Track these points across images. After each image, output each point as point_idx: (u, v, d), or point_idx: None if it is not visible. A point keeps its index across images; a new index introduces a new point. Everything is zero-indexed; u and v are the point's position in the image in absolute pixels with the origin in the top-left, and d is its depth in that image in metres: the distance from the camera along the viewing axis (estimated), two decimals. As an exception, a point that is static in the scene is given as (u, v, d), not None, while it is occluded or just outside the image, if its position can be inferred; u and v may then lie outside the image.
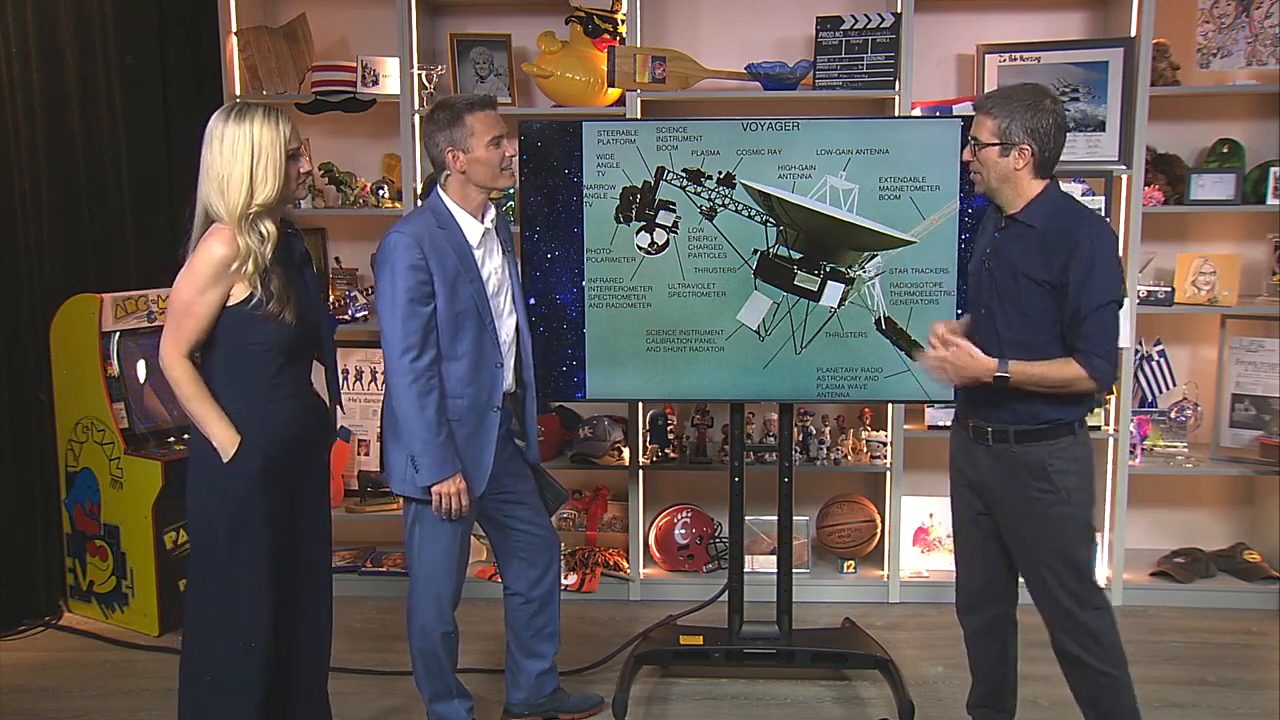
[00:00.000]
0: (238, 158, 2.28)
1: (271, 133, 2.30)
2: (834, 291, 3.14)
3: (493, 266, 2.74)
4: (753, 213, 3.14)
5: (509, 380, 2.79)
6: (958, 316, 3.08)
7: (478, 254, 2.68)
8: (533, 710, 3.02)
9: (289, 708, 2.58)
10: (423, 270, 2.57)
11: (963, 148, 3.04)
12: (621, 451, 4.08)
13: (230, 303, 2.32)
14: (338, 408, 2.72)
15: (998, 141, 2.41)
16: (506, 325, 2.78)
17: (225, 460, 2.34)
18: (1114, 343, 2.39)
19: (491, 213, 2.74)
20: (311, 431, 2.53)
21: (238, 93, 4.00)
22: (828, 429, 4.05)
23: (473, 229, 2.68)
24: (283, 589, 2.46)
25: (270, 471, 2.38)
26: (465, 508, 2.66)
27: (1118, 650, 2.50)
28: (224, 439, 2.33)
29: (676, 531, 4.08)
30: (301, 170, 2.39)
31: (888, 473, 3.99)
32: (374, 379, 4.24)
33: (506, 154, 2.67)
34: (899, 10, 3.75)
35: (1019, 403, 2.45)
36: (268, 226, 2.32)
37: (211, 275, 2.28)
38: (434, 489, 2.62)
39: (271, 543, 2.41)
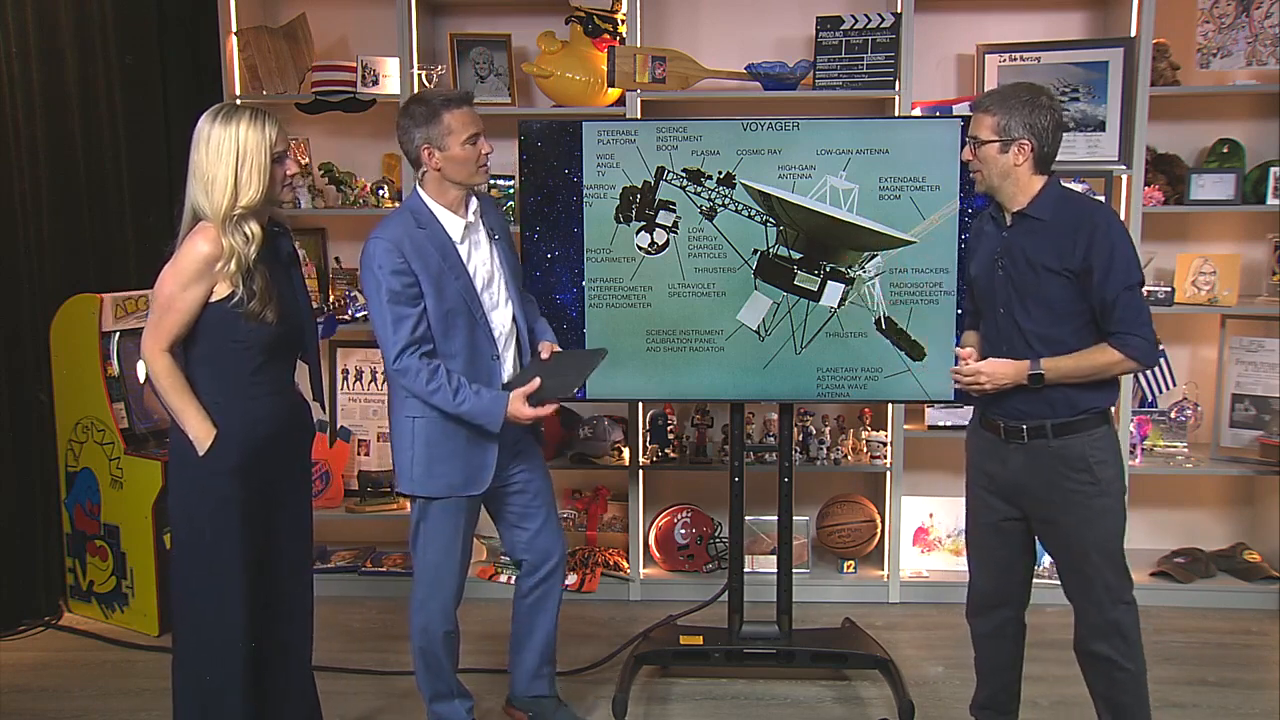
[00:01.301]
0: (222, 159, 2.29)
1: (257, 135, 2.31)
2: (834, 291, 3.14)
3: (480, 259, 2.72)
4: (753, 213, 3.14)
5: (509, 371, 2.77)
6: (958, 317, 3.08)
7: (462, 249, 2.67)
8: (524, 707, 3.00)
9: (283, 707, 2.58)
10: (406, 274, 2.57)
11: (963, 148, 3.07)
12: (621, 451, 4.08)
13: (213, 299, 2.33)
14: (320, 406, 2.71)
15: (997, 138, 2.43)
16: (501, 316, 2.75)
17: (201, 454, 2.34)
18: (1147, 319, 2.40)
19: (474, 204, 2.73)
20: (291, 430, 2.52)
21: (238, 93, 4.00)
22: (828, 429, 4.05)
23: (454, 225, 2.67)
24: (268, 588, 2.46)
25: (248, 468, 2.39)
26: (549, 411, 2.67)
27: (1139, 646, 2.51)
28: (200, 432, 2.34)
29: (676, 531, 4.08)
30: (288, 172, 2.39)
31: (888, 473, 3.98)
32: (374, 379, 4.24)
33: (483, 151, 2.65)
34: (899, 10, 3.75)
35: (1053, 393, 2.45)
36: (252, 227, 2.33)
37: (195, 272, 2.29)
38: (511, 423, 2.64)
39: (251, 538, 2.41)
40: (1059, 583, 2.60)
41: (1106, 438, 2.48)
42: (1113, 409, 2.52)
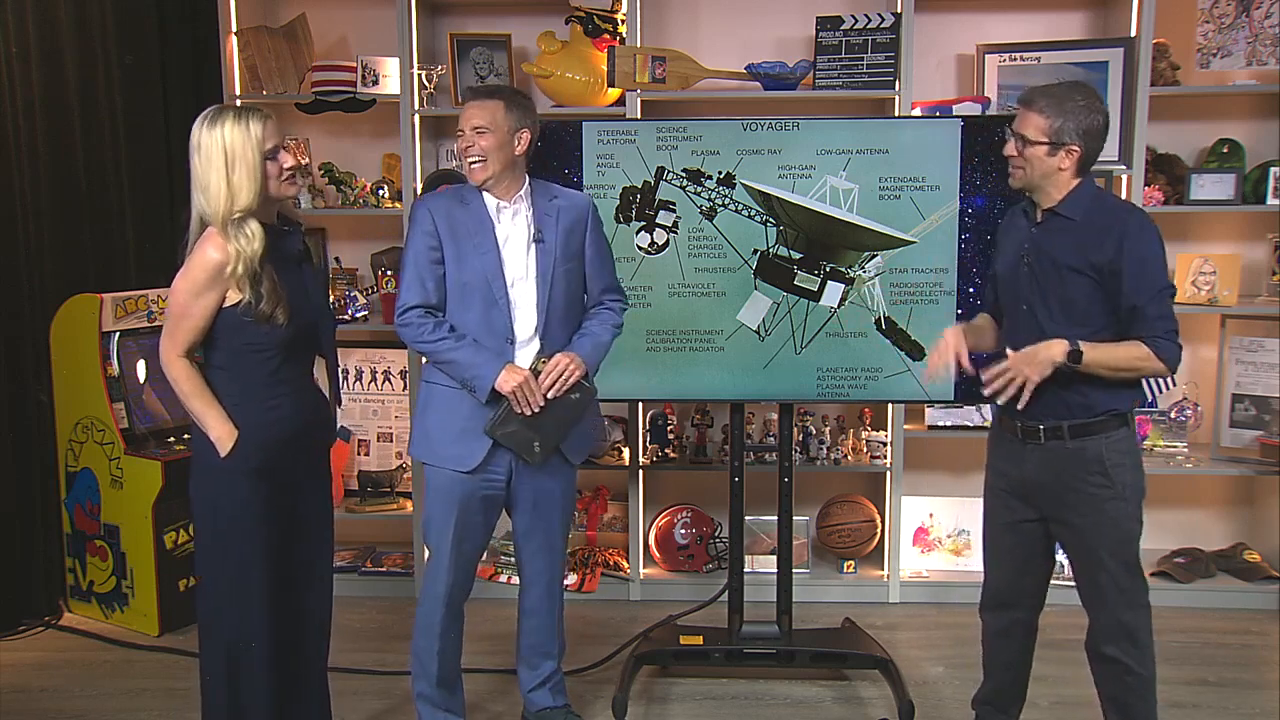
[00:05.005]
0: (213, 164, 2.28)
1: (241, 135, 2.28)
2: (834, 291, 3.14)
3: (517, 251, 2.69)
4: (753, 213, 3.14)
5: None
6: (957, 317, 3.08)
7: (499, 230, 2.69)
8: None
9: (298, 709, 2.59)
10: (432, 236, 2.66)
11: (963, 148, 3.08)
12: (621, 451, 4.08)
13: (226, 305, 2.33)
14: (337, 406, 2.71)
15: (1046, 141, 2.38)
16: (525, 313, 2.70)
17: (222, 455, 2.35)
18: (1175, 324, 2.38)
19: (523, 204, 2.71)
20: (313, 429, 2.54)
21: (237, 92, 4.00)
22: (828, 429, 4.05)
23: (493, 205, 2.69)
24: (286, 587, 2.47)
25: (269, 469, 2.39)
26: (534, 388, 2.63)
27: (1150, 651, 2.48)
28: (221, 433, 2.35)
29: (676, 531, 4.08)
30: (284, 166, 2.35)
31: (888, 473, 3.98)
32: (374, 379, 4.24)
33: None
34: (899, 10, 3.75)
35: (1070, 395, 2.42)
36: (253, 228, 2.30)
37: (206, 280, 2.30)
38: (501, 393, 2.62)
39: (272, 540, 2.42)
40: (1065, 584, 2.59)
41: (1126, 440, 2.45)
42: (1131, 413, 2.47)
